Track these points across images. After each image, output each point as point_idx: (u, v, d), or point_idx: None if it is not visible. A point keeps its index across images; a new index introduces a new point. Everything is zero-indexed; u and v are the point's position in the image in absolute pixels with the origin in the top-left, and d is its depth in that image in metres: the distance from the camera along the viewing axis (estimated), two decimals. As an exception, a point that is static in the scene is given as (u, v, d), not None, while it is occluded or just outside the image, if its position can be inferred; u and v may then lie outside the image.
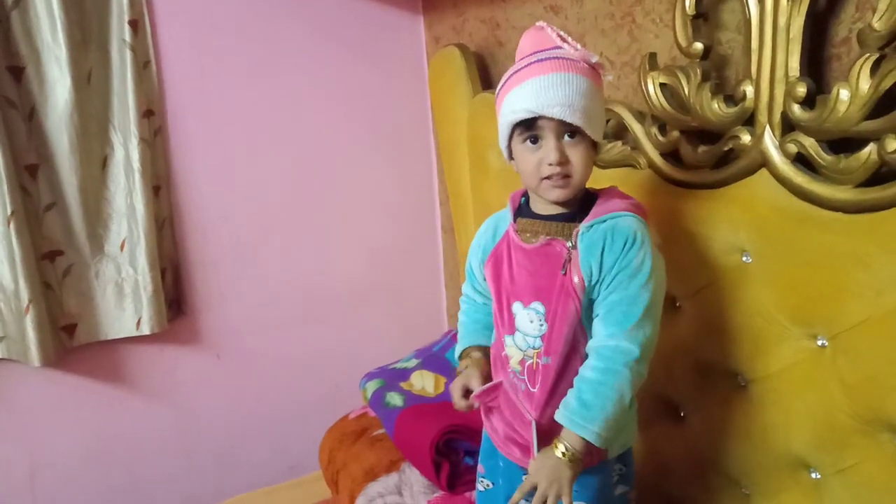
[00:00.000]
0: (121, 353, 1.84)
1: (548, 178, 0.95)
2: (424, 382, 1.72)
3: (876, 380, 0.93)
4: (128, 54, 1.66)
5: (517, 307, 1.01)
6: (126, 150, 1.70)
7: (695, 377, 1.22)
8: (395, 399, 1.65)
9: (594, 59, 0.94)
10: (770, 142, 1.04)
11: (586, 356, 0.97)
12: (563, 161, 0.93)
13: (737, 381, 1.15)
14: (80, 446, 1.84)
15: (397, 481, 1.48)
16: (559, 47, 0.94)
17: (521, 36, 0.99)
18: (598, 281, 0.95)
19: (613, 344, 0.93)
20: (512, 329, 1.02)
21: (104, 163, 1.71)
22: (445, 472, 1.41)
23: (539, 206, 1.02)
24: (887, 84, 0.87)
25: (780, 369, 1.06)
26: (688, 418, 1.27)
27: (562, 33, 0.95)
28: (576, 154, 0.94)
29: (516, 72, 0.96)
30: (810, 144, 0.99)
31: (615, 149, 1.34)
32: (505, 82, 0.98)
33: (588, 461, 0.98)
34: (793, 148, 1.01)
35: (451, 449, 1.44)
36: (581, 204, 1.00)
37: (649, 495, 1.32)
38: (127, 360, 1.86)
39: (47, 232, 1.66)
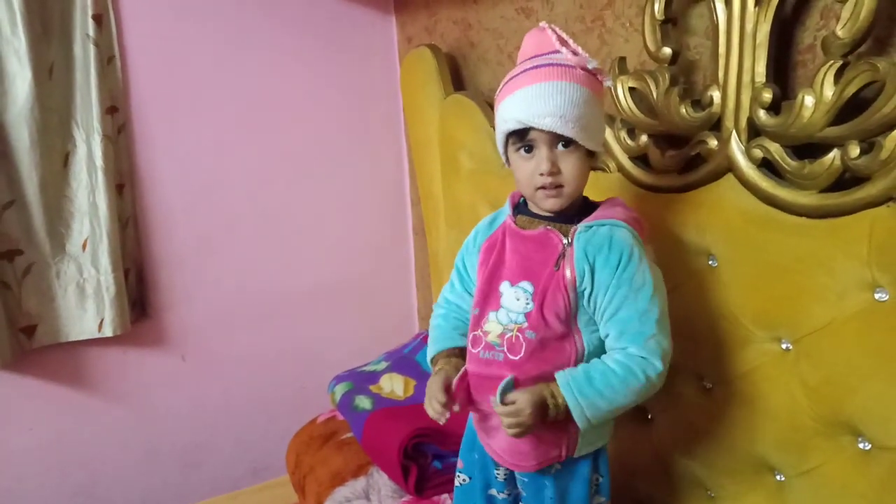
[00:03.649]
0: (82, 355, 1.80)
1: (542, 187, 0.94)
2: (394, 385, 1.71)
3: (838, 382, 0.94)
4: (91, 49, 1.62)
5: (504, 286, 0.99)
6: (89, 147, 1.65)
7: (662, 380, 1.23)
8: (363, 402, 1.63)
9: (592, 65, 0.91)
10: (736, 147, 1.05)
11: (575, 346, 0.96)
12: (555, 171, 0.92)
13: (702, 383, 1.16)
14: (39, 449, 1.79)
15: (365, 486, 1.47)
16: (557, 52, 0.91)
17: (523, 37, 0.97)
18: (592, 289, 0.93)
19: (636, 352, 0.92)
20: (497, 306, 0.99)
21: (66, 159, 1.66)
22: (414, 477, 1.40)
23: (536, 209, 1.00)
24: (850, 91, 0.89)
25: (744, 372, 1.07)
26: (654, 420, 1.28)
27: (563, 35, 0.93)
28: (568, 164, 0.93)
29: (511, 79, 0.95)
30: (775, 150, 1.00)
31: (585, 152, 1.34)
32: (502, 88, 0.96)
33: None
34: (758, 153, 1.02)
35: (420, 453, 1.42)
36: (579, 210, 0.98)
37: (616, 497, 1.32)
38: (88, 362, 1.81)
39: (6, 230, 1.61)
